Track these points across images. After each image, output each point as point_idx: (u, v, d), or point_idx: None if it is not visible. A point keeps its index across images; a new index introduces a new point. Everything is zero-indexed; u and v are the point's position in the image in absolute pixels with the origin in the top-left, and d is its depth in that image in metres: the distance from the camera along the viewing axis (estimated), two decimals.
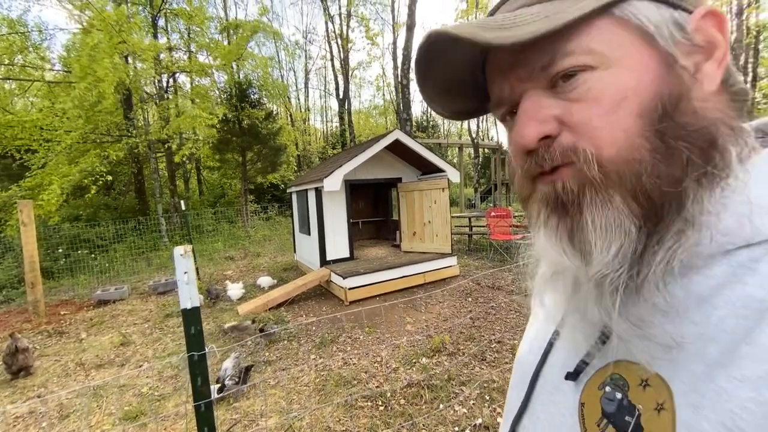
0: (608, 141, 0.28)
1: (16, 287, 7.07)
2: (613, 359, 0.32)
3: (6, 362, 3.43)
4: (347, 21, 18.71)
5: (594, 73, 0.28)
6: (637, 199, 0.27)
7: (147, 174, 12.99)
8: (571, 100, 0.29)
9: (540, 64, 0.30)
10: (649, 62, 0.28)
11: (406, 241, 6.52)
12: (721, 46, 0.29)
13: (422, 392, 2.74)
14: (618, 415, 0.30)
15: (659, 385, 0.27)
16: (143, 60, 10.17)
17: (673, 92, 0.28)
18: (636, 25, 0.29)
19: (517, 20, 0.29)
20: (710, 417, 0.24)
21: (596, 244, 0.28)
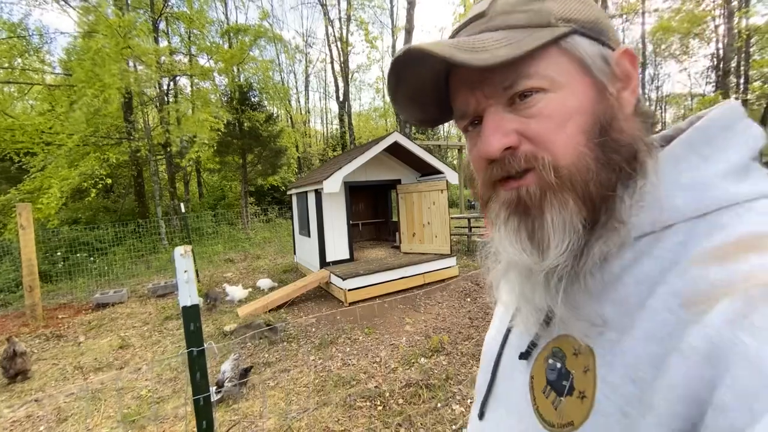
0: (561, 151, 0.33)
1: (14, 291, 7.06)
2: (553, 336, 0.38)
3: (3, 366, 3.42)
4: (347, 25, 18.81)
5: (547, 94, 0.33)
6: (584, 201, 0.33)
7: (147, 177, 12.99)
8: (528, 116, 0.34)
9: (503, 85, 0.34)
10: (587, 88, 0.34)
11: (406, 243, 6.53)
12: (634, 78, 0.36)
13: (420, 392, 2.74)
14: (557, 381, 0.36)
15: (587, 353, 0.33)
16: (147, 64, 10.21)
17: (606, 113, 0.34)
18: (578, 57, 0.34)
19: (486, 45, 0.33)
20: (618, 370, 0.30)
21: (553, 240, 0.33)
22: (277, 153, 13.66)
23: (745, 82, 14.25)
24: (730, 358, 0.23)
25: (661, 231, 0.32)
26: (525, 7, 0.35)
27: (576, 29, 0.34)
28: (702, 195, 0.32)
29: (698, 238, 0.30)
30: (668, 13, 15.75)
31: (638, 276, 0.32)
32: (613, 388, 0.30)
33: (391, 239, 7.94)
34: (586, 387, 0.32)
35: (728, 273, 0.26)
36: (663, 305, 0.29)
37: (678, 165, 0.34)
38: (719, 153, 0.33)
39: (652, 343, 0.28)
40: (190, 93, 14.16)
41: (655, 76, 24.64)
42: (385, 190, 8.55)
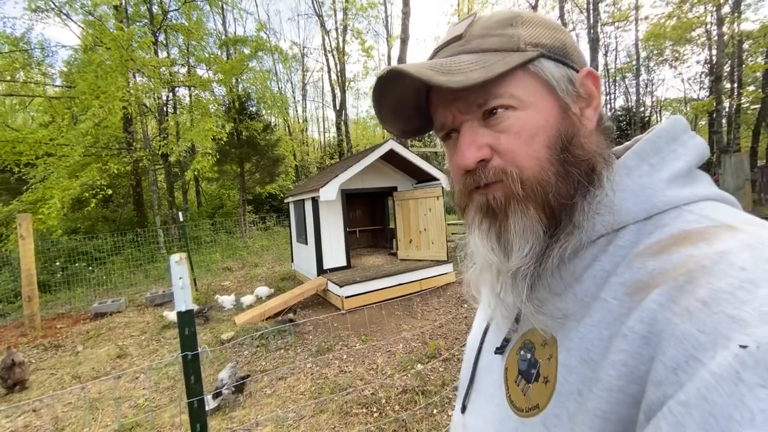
0: (527, 165, 0.37)
1: (13, 301, 7.06)
2: (524, 330, 0.43)
3: (1, 376, 3.43)
4: (343, 35, 19.10)
5: (515, 112, 0.37)
6: (545, 210, 0.37)
7: (146, 186, 13.04)
8: (498, 131, 0.38)
9: (476, 102, 0.38)
10: (552, 107, 0.38)
11: (403, 249, 6.57)
12: (596, 97, 0.40)
13: (417, 398, 2.76)
14: (527, 370, 0.40)
15: (552, 342, 0.37)
16: (148, 76, 10.35)
17: (569, 131, 0.38)
18: (544, 79, 0.38)
19: (461, 67, 0.36)
20: (575, 354, 0.34)
21: (516, 243, 0.37)
22: (274, 161, 13.74)
23: (739, 86, 14.45)
24: (662, 337, 0.26)
25: (615, 232, 0.36)
26: (498, 32, 0.39)
27: (543, 53, 0.38)
28: (649, 199, 0.36)
29: (645, 236, 0.34)
30: (660, 19, 16.06)
31: (595, 272, 0.35)
32: (570, 370, 0.33)
33: (388, 246, 7.98)
34: (550, 372, 0.36)
35: (662, 263, 0.30)
36: (612, 295, 0.33)
37: (630, 173, 0.38)
38: (665, 162, 0.37)
39: (602, 327, 0.32)
40: (189, 104, 14.28)
41: (648, 82, 24.97)
42: (382, 198, 8.62)
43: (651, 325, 0.27)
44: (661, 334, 0.26)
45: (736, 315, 0.23)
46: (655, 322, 0.27)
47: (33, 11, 10.99)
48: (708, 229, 0.31)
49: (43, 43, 12.00)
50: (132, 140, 11.33)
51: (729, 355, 0.22)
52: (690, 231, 0.32)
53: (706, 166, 5.17)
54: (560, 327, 0.36)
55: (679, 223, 0.33)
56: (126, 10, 11.61)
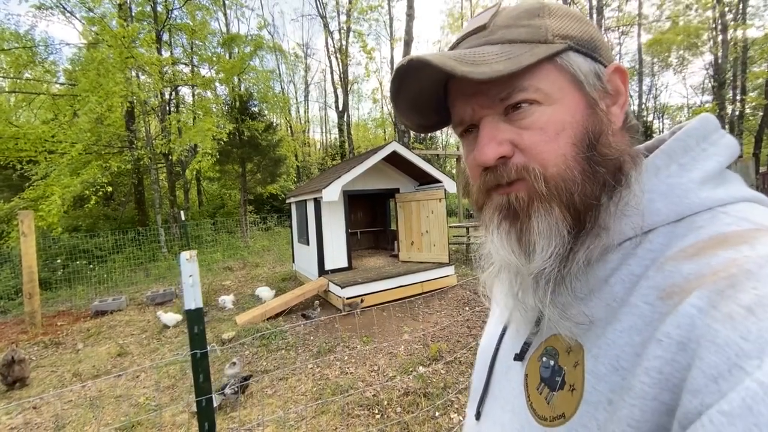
0: (552, 162, 0.35)
1: (13, 298, 7.05)
2: (546, 336, 0.41)
3: (2, 373, 3.43)
4: (346, 36, 19.17)
5: (540, 107, 0.36)
6: (570, 210, 0.35)
7: (147, 185, 13.07)
8: (521, 127, 0.36)
9: (499, 96, 0.37)
10: (579, 103, 0.36)
11: (404, 251, 6.56)
12: (623, 94, 0.39)
13: (418, 400, 2.75)
14: (551, 378, 0.38)
15: (577, 349, 0.36)
16: (149, 74, 10.39)
17: (596, 128, 0.36)
18: (571, 73, 0.36)
19: (486, 58, 0.35)
20: (604, 361, 0.32)
21: (539, 244, 0.36)
22: (276, 162, 13.76)
23: (742, 92, 14.45)
24: (701, 344, 0.25)
25: (644, 234, 0.35)
26: (524, 22, 0.37)
27: (571, 46, 0.36)
28: (680, 201, 0.34)
29: (677, 239, 0.33)
30: (664, 25, 16.10)
31: (623, 276, 0.34)
32: (599, 378, 0.32)
33: (390, 248, 7.98)
34: (576, 380, 0.34)
35: (699, 267, 0.29)
36: (643, 299, 0.31)
37: (659, 173, 0.36)
38: (696, 162, 0.36)
39: (634, 333, 0.30)
40: (191, 103, 14.34)
41: (652, 87, 25.01)
42: (384, 199, 8.62)
43: (689, 330, 0.26)
44: (699, 340, 0.25)
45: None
46: (694, 327, 0.26)
47: (38, 9, 11.07)
48: (748, 232, 0.30)
49: (47, 41, 12.08)
50: (134, 138, 11.35)
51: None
52: (728, 234, 0.30)
53: None
54: (586, 333, 0.35)
55: (716, 226, 0.32)
56: (130, 9, 11.68)
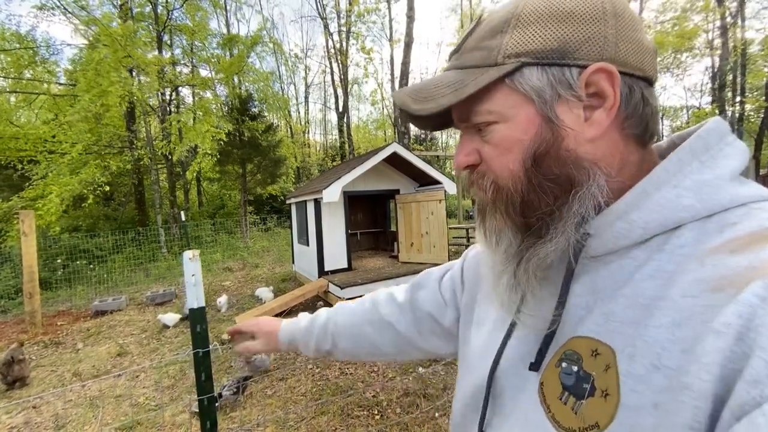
0: (501, 175, 0.40)
1: (13, 298, 7.05)
2: (565, 339, 0.38)
3: (2, 373, 3.43)
4: (346, 38, 19.22)
5: (497, 125, 0.39)
6: (511, 218, 0.40)
7: (147, 185, 13.08)
8: (485, 141, 0.41)
9: (461, 118, 0.42)
10: (533, 119, 0.37)
11: (404, 252, 6.57)
12: (609, 96, 0.35)
13: (418, 401, 2.76)
14: (577, 385, 0.35)
15: (606, 351, 0.33)
16: (147, 74, 10.41)
17: (542, 146, 0.37)
18: (522, 92, 0.37)
19: (436, 92, 0.40)
20: (642, 361, 0.30)
21: (494, 241, 0.42)
22: (276, 162, 13.78)
23: (742, 95, 14.48)
24: (761, 333, 0.24)
25: (671, 231, 0.34)
26: (484, 44, 0.38)
27: (525, 62, 0.36)
28: (710, 197, 0.33)
29: (710, 235, 0.32)
30: (663, 26, 16.15)
31: (651, 272, 0.33)
32: (638, 380, 0.30)
33: (390, 249, 7.98)
34: (609, 385, 0.32)
35: (749, 260, 0.28)
36: (683, 293, 0.30)
37: (683, 169, 0.35)
38: (716, 160, 0.35)
39: (675, 329, 0.29)
40: (192, 103, 14.36)
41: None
42: (384, 200, 8.63)
43: (749, 320, 0.25)
44: (759, 329, 0.24)
45: None
46: (755, 317, 0.25)
47: (39, 9, 11.10)
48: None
49: (48, 41, 12.10)
50: (134, 139, 11.37)
51: None
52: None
53: None
54: (615, 333, 0.33)
55: (755, 221, 0.31)
56: (131, 10, 11.71)
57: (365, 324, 0.73)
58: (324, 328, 0.75)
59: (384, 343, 0.71)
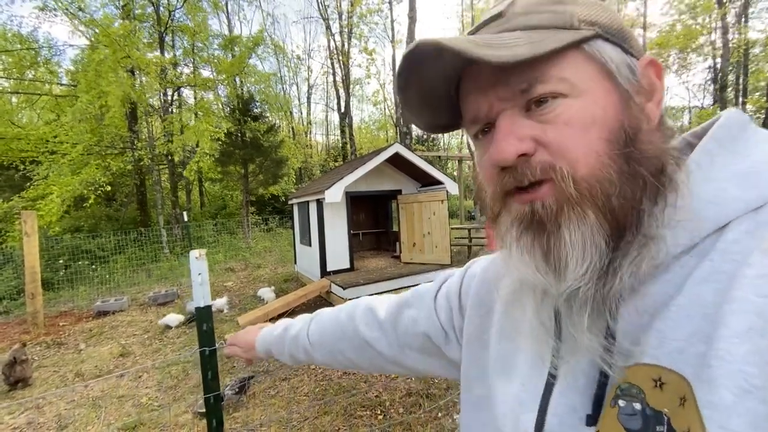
0: (582, 161, 0.30)
1: (15, 298, 7.07)
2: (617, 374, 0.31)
3: (4, 373, 3.43)
4: (348, 38, 19.25)
5: (566, 99, 0.31)
6: (606, 216, 0.30)
7: (149, 185, 13.11)
8: (545, 122, 0.32)
9: (520, 87, 0.32)
10: (611, 96, 0.32)
11: (406, 252, 6.56)
12: (659, 90, 0.34)
13: (421, 401, 2.75)
14: (647, 428, 0.28)
15: (674, 379, 0.27)
16: (147, 74, 10.44)
17: (632, 123, 0.31)
18: (601, 62, 0.32)
19: (504, 42, 0.31)
20: (726, 383, 0.24)
21: (571, 258, 0.30)
22: (278, 163, 13.79)
23: (744, 95, 14.44)
24: None
25: (720, 229, 0.29)
26: (546, 8, 0.33)
27: (600, 33, 0.32)
28: (756, 185, 0.29)
29: (766, 225, 0.28)
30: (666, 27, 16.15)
31: (705, 275, 0.28)
32: (726, 411, 0.23)
33: (392, 249, 7.98)
34: (691, 422, 0.25)
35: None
36: (755, 291, 0.25)
37: (714, 161, 0.32)
38: (749, 148, 0.31)
39: (755, 336, 0.24)
40: (193, 104, 14.40)
41: None
42: (386, 200, 8.63)
43: None
44: None
45: None
46: None
47: (41, 10, 11.15)
48: None
49: (50, 42, 12.16)
50: (136, 139, 11.40)
51: None
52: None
53: None
54: (678, 355, 0.27)
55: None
56: (133, 11, 11.76)
57: (340, 340, 0.68)
58: (295, 340, 0.73)
59: (361, 360, 0.67)
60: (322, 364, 0.73)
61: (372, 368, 0.68)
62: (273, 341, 0.77)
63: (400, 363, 0.63)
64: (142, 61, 9.92)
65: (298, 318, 0.77)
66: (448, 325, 0.56)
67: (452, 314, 0.56)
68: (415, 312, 0.60)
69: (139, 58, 9.77)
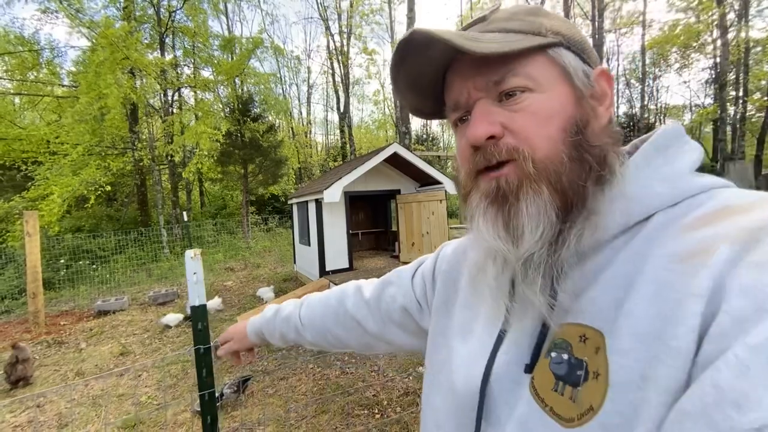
0: (540, 145, 0.37)
1: (17, 298, 7.11)
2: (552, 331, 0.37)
3: (6, 371, 3.46)
4: (348, 39, 19.26)
5: (532, 94, 0.38)
6: (558, 192, 0.36)
7: (150, 185, 13.15)
8: (513, 111, 0.38)
9: (494, 79, 0.38)
10: (568, 94, 0.38)
11: (405, 252, 6.58)
12: (608, 96, 0.41)
13: (418, 400, 2.77)
14: (570, 373, 0.34)
15: (594, 335, 0.34)
16: (147, 75, 10.46)
17: (583, 117, 0.38)
18: (562, 65, 0.39)
19: (484, 38, 0.38)
20: (627, 336, 0.31)
21: (527, 227, 0.36)
22: (277, 163, 13.81)
23: (744, 94, 14.41)
24: (729, 291, 0.26)
25: (646, 220, 0.36)
26: (522, 17, 0.40)
27: (563, 42, 0.39)
28: (677, 185, 0.36)
29: (678, 217, 0.34)
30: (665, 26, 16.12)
31: (629, 255, 0.34)
32: (624, 355, 0.30)
33: (391, 249, 8.00)
34: (599, 365, 0.32)
35: (716, 230, 0.30)
36: (660, 267, 0.31)
37: (650, 163, 0.38)
38: (678, 155, 0.38)
39: (659, 299, 0.30)
40: (193, 104, 14.42)
41: (654, 88, 25.01)
42: (385, 200, 8.64)
43: (720, 280, 0.27)
44: (727, 288, 0.26)
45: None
46: (722, 276, 0.27)
47: (43, 12, 11.18)
48: (751, 203, 0.31)
49: (52, 44, 12.19)
50: (136, 140, 11.43)
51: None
52: (733, 205, 0.32)
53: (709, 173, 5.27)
54: (600, 315, 0.34)
55: (719, 200, 0.34)
56: (134, 12, 11.78)
57: (330, 319, 0.74)
58: (286, 320, 0.78)
59: (349, 338, 0.74)
60: (311, 344, 0.79)
61: (359, 346, 0.75)
62: (263, 323, 0.82)
63: (384, 338, 0.69)
64: (141, 62, 9.94)
65: (286, 302, 0.82)
66: (423, 300, 0.64)
67: (426, 290, 0.64)
68: (395, 289, 0.68)
69: (138, 60, 9.79)
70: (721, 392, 0.23)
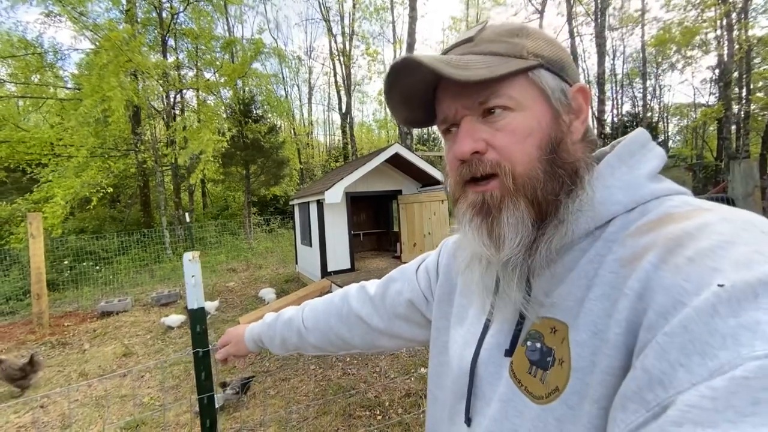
0: (520, 161, 0.40)
1: (21, 299, 7.16)
2: (530, 323, 0.43)
3: (13, 376, 3.47)
4: (350, 39, 19.27)
5: (512, 113, 0.41)
6: (533, 205, 0.41)
7: (152, 187, 13.20)
8: (496, 128, 0.42)
9: (478, 99, 0.42)
10: (545, 113, 0.42)
11: (407, 253, 6.57)
12: (584, 111, 0.45)
13: (420, 401, 2.76)
14: (541, 359, 0.40)
15: (561, 327, 0.39)
16: (149, 77, 10.50)
17: (557, 136, 0.42)
18: (540, 87, 0.42)
19: (469, 65, 0.40)
20: (584, 330, 0.37)
21: (508, 235, 0.41)
22: (279, 164, 13.82)
23: (747, 92, 14.29)
24: (654, 290, 0.30)
25: (606, 223, 0.40)
26: (505, 39, 0.43)
27: (542, 64, 0.42)
28: (635, 192, 0.40)
29: (632, 223, 0.38)
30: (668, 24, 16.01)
31: (591, 257, 0.39)
32: (582, 345, 0.36)
33: (392, 249, 7.99)
34: (564, 354, 0.38)
35: (653, 237, 0.34)
36: (609, 270, 0.37)
37: (614, 173, 0.42)
38: (640, 163, 0.43)
39: (604, 299, 0.35)
40: (196, 105, 14.46)
41: (656, 87, 24.82)
42: (387, 201, 8.63)
43: (645, 282, 0.32)
44: (653, 287, 0.31)
45: (715, 266, 0.28)
46: (649, 279, 0.31)
47: (46, 16, 11.26)
48: (690, 211, 0.36)
49: (55, 47, 12.26)
50: (139, 141, 11.48)
51: (708, 293, 0.26)
52: (674, 213, 0.37)
53: (713, 172, 5.12)
54: (567, 310, 0.39)
55: (662, 208, 0.38)
56: (136, 15, 11.84)
57: (334, 318, 0.76)
58: (288, 324, 0.79)
59: (353, 337, 0.75)
60: (313, 348, 0.79)
61: (363, 344, 0.77)
62: (263, 330, 0.82)
63: (390, 332, 0.73)
64: (144, 65, 9.98)
65: (287, 308, 0.84)
66: (428, 292, 0.68)
67: (430, 282, 0.68)
68: (400, 284, 0.72)
69: (140, 62, 9.83)
70: (649, 374, 0.27)
